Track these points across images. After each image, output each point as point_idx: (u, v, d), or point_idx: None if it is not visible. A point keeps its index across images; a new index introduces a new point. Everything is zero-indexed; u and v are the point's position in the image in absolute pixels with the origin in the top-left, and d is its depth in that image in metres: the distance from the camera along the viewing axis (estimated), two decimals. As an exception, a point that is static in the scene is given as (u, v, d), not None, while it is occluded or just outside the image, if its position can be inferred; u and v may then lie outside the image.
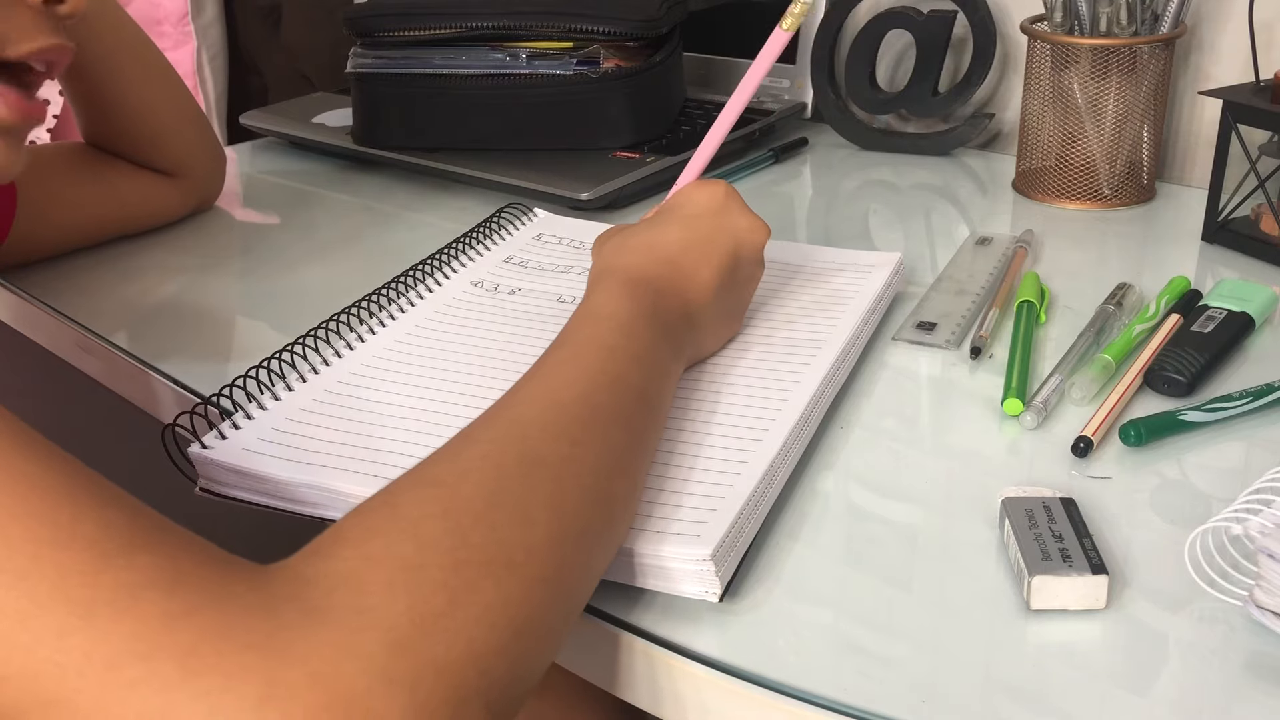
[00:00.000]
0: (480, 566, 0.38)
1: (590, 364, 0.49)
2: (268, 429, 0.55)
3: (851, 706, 0.42)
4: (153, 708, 0.31)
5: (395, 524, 0.38)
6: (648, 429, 0.50)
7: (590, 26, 0.94)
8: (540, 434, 0.44)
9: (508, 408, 0.46)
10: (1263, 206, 0.79)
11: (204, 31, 1.41)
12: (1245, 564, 0.47)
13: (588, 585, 0.44)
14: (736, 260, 0.60)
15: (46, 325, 0.77)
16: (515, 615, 0.38)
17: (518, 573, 0.39)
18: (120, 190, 0.84)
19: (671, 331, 0.55)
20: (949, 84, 1.03)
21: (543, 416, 0.45)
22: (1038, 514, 0.49)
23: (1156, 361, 0.62)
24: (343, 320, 0.65)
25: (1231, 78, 0.90)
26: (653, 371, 0.52)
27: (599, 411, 0.47)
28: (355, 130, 1.02)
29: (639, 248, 0.58)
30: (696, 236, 0.59)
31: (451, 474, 0.41)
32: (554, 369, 0.49)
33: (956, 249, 0.80)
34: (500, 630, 0.37)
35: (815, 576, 0.49)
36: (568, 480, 0.43)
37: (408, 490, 0.41)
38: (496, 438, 0.44)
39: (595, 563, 0.44)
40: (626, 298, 0.54)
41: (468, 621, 0.36)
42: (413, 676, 0.34)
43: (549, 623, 0.40)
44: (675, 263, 0.58)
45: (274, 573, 0.36)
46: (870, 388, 0.63)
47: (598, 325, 0.52)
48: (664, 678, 0.45)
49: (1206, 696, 0.42)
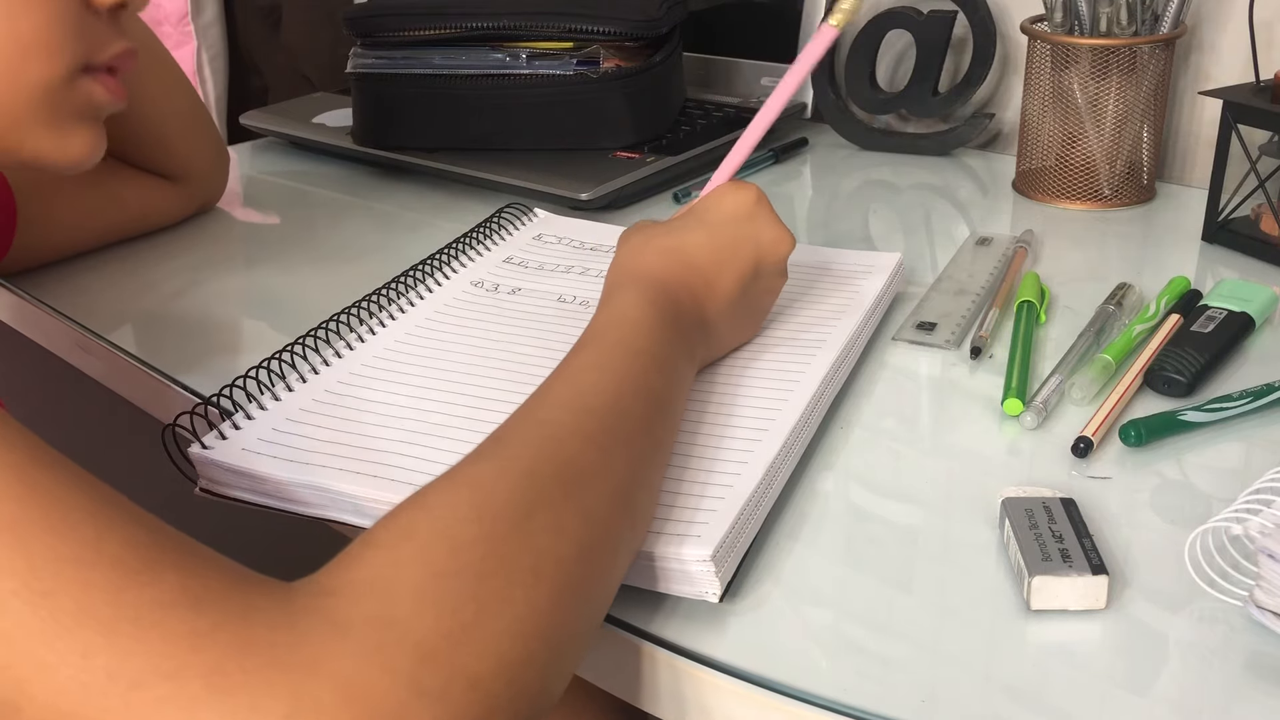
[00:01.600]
0: (512, 575, 0.37)
1: (618, 370, 0.49)
2: (268, 429, 0.55)
3: (851, 706, 0.42)
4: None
5: (429, 526, 0.38)
6: (666, 436, 0.50)
7: (590, 26, 0.94)
8: (572, 440, 0.44)
9: (538, 411, 0.46)
10: (1263, 206, 0.79)
11: (204, 31, 1.41)
12: (1245, 564, 0.47)
13: (611, 593, 0.44)
14: (757, 270, 0.60)
15: (46, 325, 0.77)
16: (544, 626, 0.38)
17: (547, 582, 0.38)
18: (123, 197, 0.84)
19: (688, 337, 0.55)
20: (949, 84, 1.03)
21: (574, 422, 0.45)
22: (1038, 514, 0.49)
23: (1156, 361, 0.62)
24: (343, 320, 0.65)
25: (1231, 78, 0.90)
26: (671, 377, 0.52)
27: (626, 419, 0.47)
28: (355, 130, 1.02)
29: (663, 250, 0.58)
30: (721, 243, 0.59)
31: (486, 477, 0.41)
32: (581, 373, 0.49)
33: (956, 249, 0.80)
34: (529, 641, 0.37)
35: (815, 576, 0.49)
36: (598, 488, 0.43)
37: (441, 493, 0.40)
38: (530, 442, 0.44)
39: (619, 571, 0.44)
40: (648, 303, 0.54)
41: (498, 632, 0.36)
42: (442, 688, 0.34)
43: (576, 633, 0.40)
44: (697, 268, 0.57)
45: (299, 587, 0.35)
46: (870, 388, 0.63)
47: (622, 329, 0.52)
48: (664, 678, 0.45)
49: (1206, 696, 0.42)
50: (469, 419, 0.57)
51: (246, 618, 0.33)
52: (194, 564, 0.34)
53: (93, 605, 0.32)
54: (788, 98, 0.65)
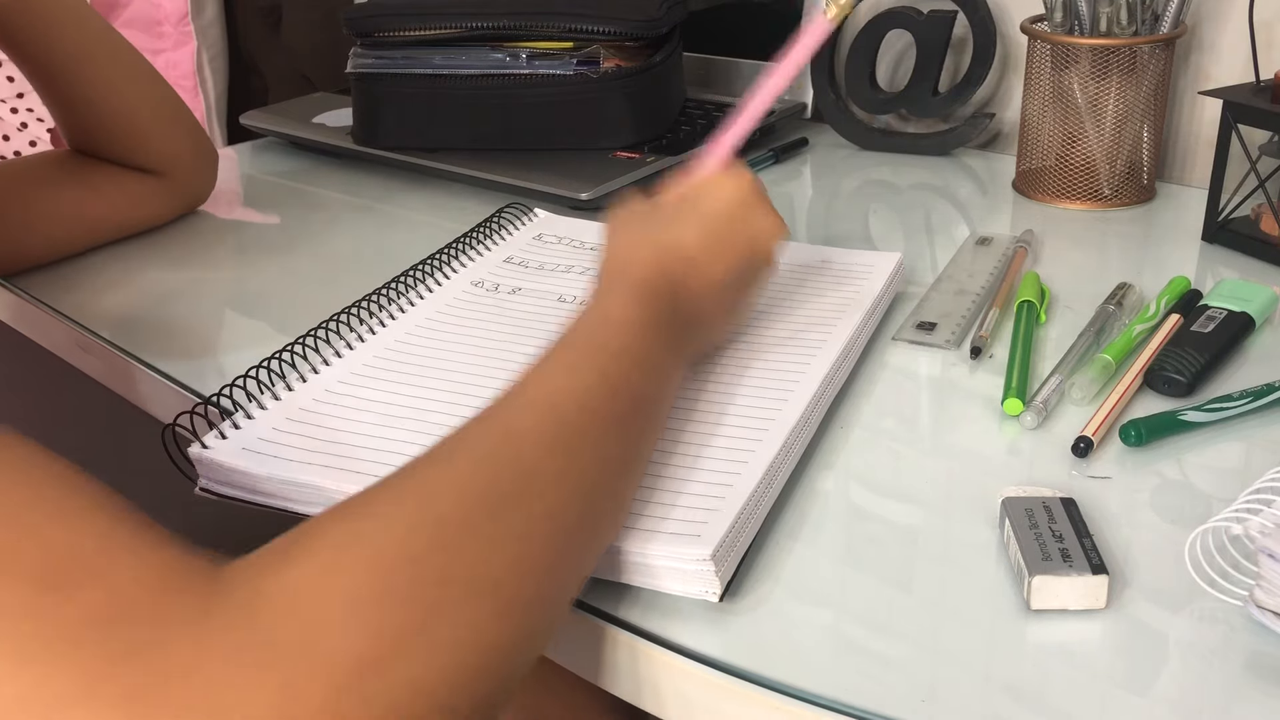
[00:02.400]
0: (456, 588, 0.36)
1: (593, 370, 0.48)
2: (268, 429, 0.55)
3: (851, 706, 0.42)
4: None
5: (370, 536, 0.36)
6: (644, 437, 0.49)
7: (590, 26, 0.94)
8: (535, 445, 0.43)
9: (503, 413, 0.45)
10: (1263, 206, 0.79)
11: (204, 31, 1.41)
12: (1245, 564, 0.47)
13: (566, 601, 0.43)
14: (750, 261, 0.59)
15: (46, 325, 0.77)
16: (487, 643, 0.36)
17: (489, 596, 0.37)
18: (106, 194, 0.83)
19: (678, 334, 0.54)
20: (949, 84, 1.03)
21: (537, 425, 0.44)
22: (1038, 514, 0.49)
23: (1156, 361, 0.62)
24: (343, 320, 0.65)
25: (1231, 78, 0.90)
26: (655, 376, 0.51)
27: (596, 419, 0.45)
28: (355, 130, 1.02)
29: (658, 246, 0.56)
30: (714, 235, 0.58)
31: (435, 484, 0.39)
32: (553, 373, 0.47)
33: (956, 249, 0.80)
34: (469, 661, 0.35)
35: (815, 576, 0.49)
36: (559, 494, 0.42)
37: (386, 501, 0.38)
38: (487, 445, 0.42)
39: (576, 578, 0.43)
40: (636, 303, 0.52)
41: (431, 651, 0.34)
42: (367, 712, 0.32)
43: (521, 647, 0.38)
44: (692, 262, 0.56)
45: (230, 582, 0.33)
46: (870, 388, 0.63)
47: (603, 329, 0.51)
48: (664, 677, 0.45)
49: (1206, 696, 0.42)
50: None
51: (168, 634, 0.31)
52: (114, 573, 0.32)
53: (4, 629, 0.30)
54: (782, 88, 0.63)
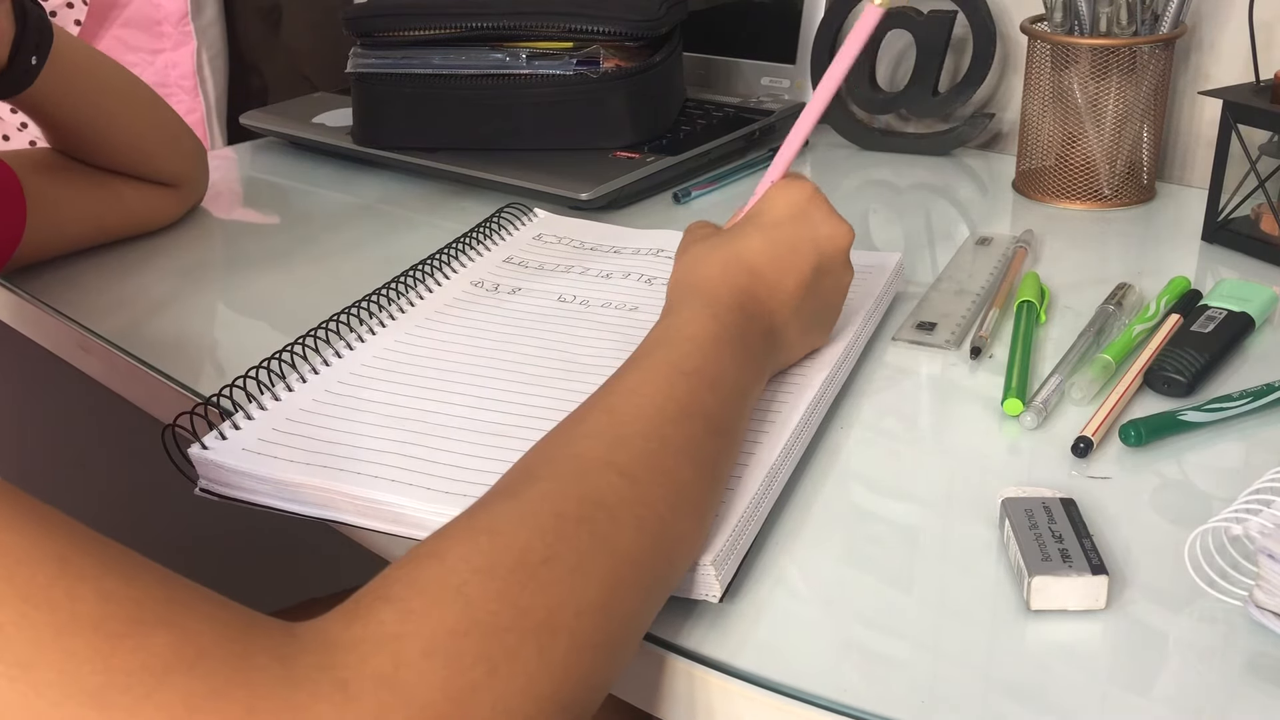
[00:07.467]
0: (526, 632, 0.36)
1: (662, 393, 0.47)
2: (268, 429, 0.55)
3: (851, 706, 0.42)
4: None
5: (441, 579, 0.36)
6: (720, 459, 0.48)
7: (590, 26, 0.94)
8: (602, 473, 0.42)
9: (569, 442, 0.44)
10: (1263, 206, 0.79)
11: (204, 31, 1.41)
12: (1245, 564, 0.47)
13: (637, 636, 0.42)
14: (820, 269, 0.57)
15: (46, 325, 0.77)
16: (558, 684, 0.36)
17: (564, 638, 0.37)
18: (125, 196, 0.84)
19: (753, 351, 0.53)
20: (949, 84, 1.03)
21: (605, 453, 0.43)
22: (1038, 514, 0.49)
23: (1156, 361, 0.62)
24: (343, 321, 0.65)
25: (1231, 78, 0.90)
26: (730, 395, 0.50)
27: (668, 446, 0.45)
28: (355, 130, 1.02)
29: (724, 260, 0.55)
30: (779, 246, 0.56)
31: (507, 521, 0.39)
32: (621, 397, 0.47)
33: (956, 249, 0.80)
34: (541, 700, 0.35)
35: (815, 576, 0.49)
36: (628, 525, 0.41)
37: (458, 540, 0.38)
38: (556, 476, 0.42)
39: (649, 612, 0.42)
40: (709, 319, 0.52)
41: (507, 693, 0.34)
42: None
43: (593, 685, 0.38)
44: (760, 274, 0.55)
45: (304, 636, 0.34)
46: (870, 388, 0.63)
47: (675, 349, 0.50)
48: (665, 678, 0.45)
49: (1206, 696, 0.42)
50: (469, 419, 0.57)
51: (249, 678, 0.31)
52: (183, 619, 0.32)
53: (78, 675, 0.30)
54: (836, 85, 0.62)
